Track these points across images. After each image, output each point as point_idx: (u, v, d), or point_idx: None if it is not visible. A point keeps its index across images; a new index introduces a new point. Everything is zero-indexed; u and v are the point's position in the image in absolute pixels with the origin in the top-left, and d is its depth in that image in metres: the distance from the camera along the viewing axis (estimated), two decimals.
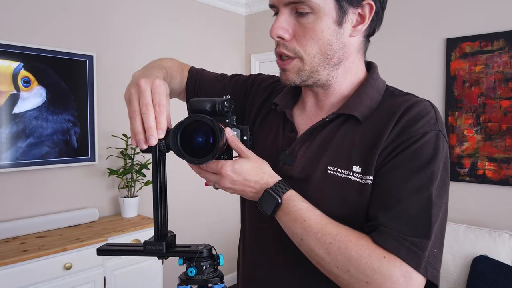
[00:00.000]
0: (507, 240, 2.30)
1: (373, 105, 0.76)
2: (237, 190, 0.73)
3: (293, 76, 0.76)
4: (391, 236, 0.65)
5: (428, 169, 0.67)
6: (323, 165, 0.75)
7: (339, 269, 0.65)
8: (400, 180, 0.68)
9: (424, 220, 0.66)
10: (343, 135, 0.76)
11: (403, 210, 0.66)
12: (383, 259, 0.63)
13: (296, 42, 0.73)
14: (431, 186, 0.67)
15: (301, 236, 0.69)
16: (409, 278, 0.62)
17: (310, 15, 0.71)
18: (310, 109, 0.84)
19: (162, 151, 0.70)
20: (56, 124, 2.46)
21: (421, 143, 0.69)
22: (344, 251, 0.65)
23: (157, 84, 0.69)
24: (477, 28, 2.59)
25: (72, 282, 2.13)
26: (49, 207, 2.51)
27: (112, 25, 2.82)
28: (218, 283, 0.73)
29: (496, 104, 2.51)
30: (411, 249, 0.64)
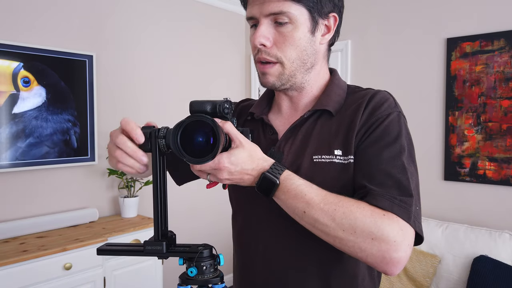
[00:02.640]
0: (508, 240, 2.30)
1: (341, 100, 0.89)
2: (234, 180, 0.75)
3: (274, 79, 0.86)
4: (383, 197, 0.74)
5: (397, 143, 0.79)
6: (309, 155, 0.85)
7: (345, 232, 0.71)
8: (376, 153, 0.79)
9: (403, 182, 0.76)
10: (321, 127, 0.87)
11: (385, 175, 0.76)
12: (383, 216, 0.71)
13: (276, 48, 0.83)
14: (402, 156, 0.78)
15: (304, 209, 0.73)
16: (405, 230, 0.71)
17: (288, 25, 0.81)
18: (286, 111, 0.94)
19: (162, 151, 0.70)
20: (55, 124, 2.46)
21: (387, 121, 0.81)
22: (349, 215, 0.71)
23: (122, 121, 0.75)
24: (477, 27, 2.59)
25: (72, 282, 2.13)
26: (49, 207, 2.51)
27: (112, 25, 2.82)
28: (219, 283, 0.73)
29: (497, 104, 2.51)
30: (401, 206, 0.73)
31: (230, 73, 3.74)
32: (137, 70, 2.98)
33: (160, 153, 0.70)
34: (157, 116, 3.10)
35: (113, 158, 0.74)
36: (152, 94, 3.08)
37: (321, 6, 0.83)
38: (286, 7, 0.80)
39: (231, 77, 3.74)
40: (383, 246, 0.69)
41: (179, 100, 3.28)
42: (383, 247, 0.69)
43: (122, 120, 0.73)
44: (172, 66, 3.22)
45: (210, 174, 0.74)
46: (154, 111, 3.09)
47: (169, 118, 3.14)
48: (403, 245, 0.70)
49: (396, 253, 0.69)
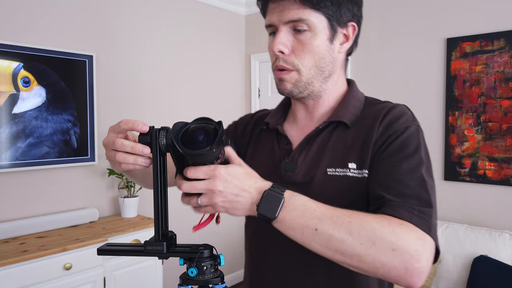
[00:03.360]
0: (508, 240, 2.30)
1: (357, 112, 0.87)
2: (228, 197, 0.68)
3: (291, 86, 0.85)
4: (401, 207, 0.70)
5: (416, 156, 0.77)
6: (323, 168, 0.83)
7: (363, 245, 0.65)
8: (395, 165, 0.77)
9: (423, 193, 0.73)
10: (336, 139, 0.85)
11: (404, 187, 0.73)
12: (401, 225, 0.67)
13: (294, 56, 0.83)
14: (421, 168, 0.76)
15: (315, 226, 0.67)
16: (425, 241, 0.67)
17: (307, 32, 0.81)
18: (301, 121, 0.94)
19: (162, 151, 0.69)
20: (55, 124, 2.46)
21: (406, 135, 0.79)
22: (365, 225, 0.66)
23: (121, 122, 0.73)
24: (477, 27, 2.59)
25: (72, 282, 2.13)
26: (49, 207, 2.51)
27: (111, 25, 2.82)
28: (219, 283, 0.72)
29: (497, 104, 2.51)
30: (420, 216, 0.69)
31: (230, 73, 3.74)
32: (137, 70, 2.98)
33: (160, 153, 0.70)
34: (157, 116, 3.10)
35: (115, 163, 0.73)
36: (151, 94, 3.08)
37: (340, 15, 0.83)
38: (305, 15, 0.80)
39: (231, 77, 3.74)
40: (405, 256, 0.64)
41: (179, 100, 3.27)
42: (405, 257, 0.64)
43: (121, 121, 0.72)
44: (172, 66, 3.22)
45: (202, 196, 0.68)
46: (154, 111, 3.09)
47: (169, 118, 3.14)
48: (424, 255, 0.65)
49: (419, 262, 0.64)
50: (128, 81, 2.93)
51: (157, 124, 0.70)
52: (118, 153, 0.72)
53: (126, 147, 0.70)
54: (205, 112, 3.47)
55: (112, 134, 0.73)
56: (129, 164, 0.72)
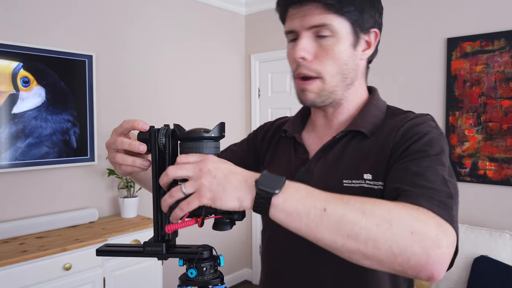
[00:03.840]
0: (508, 240, 2.30)
1: (377, 122, 0.85)
2: (218, 176, 0.59)
3: (314, 96, 0.83)
4: (420, 196, 0.64)
5: (440, 157, 0.72)
6: (339, 179, 0.80)
7: (379, 226, 0.57)
8: (415, 162, 0.72)
9: (444, 187, 0.67)
10: (353, 150, 0.83)
11: (424, 180, 0.68)
12: (418, 210, 0.60)
13: (317, 62, 0.80)
14: (443, 169, 0.71)
15: (324, 206, 0.58)
16: (445, 228, 0.60)
17: (330, 38, 0.79)
18: (319, 129, 0.92)
19: (161, 150, 0.69)
20: (55, 124, 2.45)
21: (428, 137, 0.74)
22: (380, 205, 0.59)
23: (123, 122, 0.73)
24: (477, 27, 2.58)
25: (72, 282, 2.13)
26: (48, 208, 2.50)
27: (111, 25, 2.81)
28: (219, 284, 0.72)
29: (497, 104, 2.51)
30: (441, 206, 0.63)
31: (230, 73, 3.74)
32: (137, 70, 2.98)
33: (159, 152, 0.69)
34: (156, 116, 3.10)
35: (116, 164, 0.74)
36: (151, 94, 3.08)
37: (363, 21, 0.81)
38: (328, 20, 0.78)
39: (231, 77, 3.74)
40: (425, 241, 0.56)
41: (179, 100, 3.27)
42: (426, 242, 0.56)
43: (123, 121, 0.73)
44: (172, 66, 3.21)
45: (187, 182, 0.60)
46: (154, 111, 3.09)
47: (169, 118, 3.14)
48: (445, 241, 0.57)
49: (440, 248, 0.56)
50: (128, 81, 2.93)
51: (157, 124, 0.70)
52: (118, 154, 0.72)
53: (124, 145, 0.71)
54: (205, 112, 3.47)
55: (114, 135, 0.74)
56: (127, 165, 0.72)
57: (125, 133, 0.73)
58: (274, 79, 3.72)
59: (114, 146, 0.72)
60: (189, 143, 0.66)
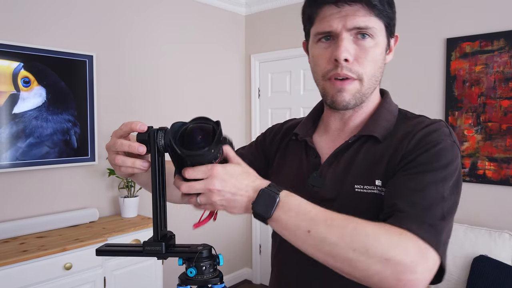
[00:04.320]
0: (507, 240, 2.30)
1: (390, 126, 0.84)
2: (226, 195, 0.67)
3: (350, 97, 0.82)
4: (410, 218, 0.67)
5: (444, 171, 0.73)
6: (351, 185, 0.80)
7: (356, 251, 0.62)
8: (418, 176, 0.72)
9: (439, 208, 0.69)
10: (365, 155, 0.82)
11: (420, 198, 0.70)
12: (400, 235, 0.64)
13: (357, 64, 0.80)
14: (445, 185, 0.72)
15: (308, 228, 0.65)
16: (425, 253, 0.64)
17: (370, 40, 0.79)
18: (334, 132, 0.91)
19: (161, 152, 0.70)
20: (56, 124, 2.46)
21: (439, 148, 0.75)
22: (360, 231, 0.63)
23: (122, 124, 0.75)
24: (477, 27, 2.59)
25: (72, 282, 2.13)
26: (49, 207, 2.51)
27: (112, 26, 2.82)
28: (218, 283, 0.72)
29: (496, 104, 2.51)
30: (430, 230, 0.66)
31: (230, 73, 3.74)
32: (137, 70, 2.99)
33: (158, 153, 0.70)
34: (157, 116, 3.10)
35: (116, 166, 0.74)
36: (152, 94, 3.08)
37: (393, 25, 0.83)
38: (371, 23, 0.78)
39: (231, 77, 3.74)
40: (398, 267, 0.61)
41: (179, 100, 3.28)
42: (398, 268, 0.61)
43: (122, 124, 0.73)
44: (172, 66, 3.22)
45: (200, 195, 0.68)
46: (154, 111, 3.09)
47: (169, 118, 3.14)
48: (420, 267, 0.62)
49: (412, 274, 0.61)
50: (128, 81, 2.93)
51: (157, 124, 0.70)
52: (117, 156, 0.72)
53: (124, 147, 0.71)
54: (205, 112, 3.47)
55: (114, 138, 0.74)
56: (127, 167, 0.72)
57: (125, 135, 0.73)
58: (274, 79, 3.72)
59: (114, 148, 0.73)
60: (190, 157, 0.66)
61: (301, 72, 3.51)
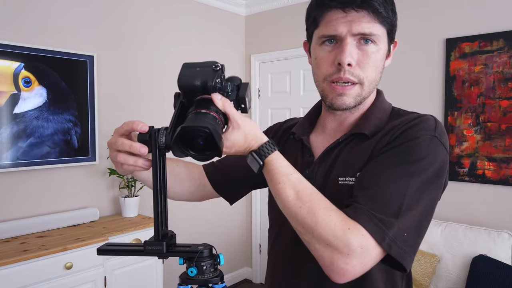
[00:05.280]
0: (507, 239, 2.31)
1: (380, 124, 0.86)
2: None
3: (351, 100, 0.84)
4: (362, 212, 0.70)
5: (413, 167, 0.73)
6: (335, 177, 0.83)
7: (304, 229, 0.70)
8: (386, 168, 0.75)
9: (397, 205, 0.71)
10: (351, 149, 0.85)
11: (379, 192, 0.72)
12: (347, 230, 0.68)
13: (359, 69, 0.81)
14: (410, 181, 0.72)
15: (283, 183, 0.74)
16: (365, 249, 0.67)
17: (372, 45, 0.81)
18: (330, 132, 0.93)
19: (162, 151, 0.70)
20: (56, 124, 2.47)
21: (414, 142, 0.75)
22: (311, 216, 0.70)
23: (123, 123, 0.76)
24: (476, 28, 2.59)
25: (73, 281, 2.14)
26: (49, 207, 2.52)
27: (112, 26, 2.82)
28: (219, 283, 0.73)
29: (496, 104, 2.52)
30: (378, 225, 0.69)
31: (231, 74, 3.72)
32: (138, 70, 2.99)
33: (160, 153, 0.70)
34: (157, 116, 3.11)
35: (118, 164, 0.75)
36: (152, 94, 3.09)
37: (394, 30, 0.86)
38: (375, 29, 0.80)
39: None
40: (334, 253, 0.67)
41: None
42: (334, 254, 0.67)
43: (124, 123, 0.74)
44: (172, 66, 3.22)
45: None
46: (154, 111, 3.10)
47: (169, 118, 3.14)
48: (355, 260, 0.67)
49: (345, 264, 0.67)
50: (129, 81, 2.94)
51: (158, 124, 0.71)
52: (119, 154, 0.73)
53: (125, 146, 0.72)
54: None
55: (116, 135, 0.75)
56: (129, 165, 0.73)
57: (126, 134, 0.74)
58: (274, 80, 3.73)
59: (115, 147, 0.74)
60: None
61: (301, 72, 3.51)
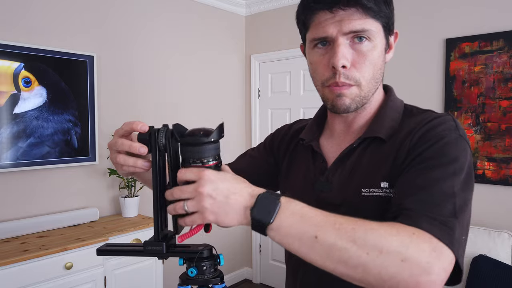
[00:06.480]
0: (507, 239, 2.31)
1: (395, 125, 0.82)
2: (218, 198, 0.61)
3: (349, 102, 0.79)
4: (420, 217, 0.63)
5: (452, 166, 0.70)
6: (357, 188, 0.78)
7: (369, 254, 0.58)
8: (424, 172, 0.70)
9: (449, 204, 0.66)
10: (370, 157, 0.80)
11: (428, 194, 0.67)
12: (413, 235, 0.60)
13: (355, 70, 0.77)
14: (455, 180, 0.68)
15: (315, 233, 0.60)
16: (441, 253, 0.60)
17: (367, 43, 0.77)
18: (339, 135, 0.89)
19: (162, 151, 0.70)
20: (56, 124, 2.47)
21: (443, 142, 0.72)
22: (371, 232, 0.59)
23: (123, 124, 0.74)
24: (476, 28, 2.59)
25: (73, 281, 2.14)
26: (49, 207, 2.52)
27: (112, 25, 2.82)
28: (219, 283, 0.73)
29: (496, 104, 2.52)
30: (442, 228, 0.62)
31: (231, 74, 3.74)
32: (138, 71, 2.99)
33: (159, 152, 0.70)
34: (157, 116, 3.11)
35: (118, 165, 0.74)
36: (152, 94, 3.09)
37: (391, 23, 0.81)
38: (368, 25, 0.75)
39: (231, 77, 3.75)
40: (414, 269, 0.57)
41: (179, 100, 3.28)
42: (414, 270, 0.57)
43: (124, 123, 0.73)
44: (172, 66, 3.22)
45: (188, 201, 0.63)
46: (155, 111, 3.10)
47: (169, 118, 3.15)
48: (436, 268, 0.58)
49: (429, 276, 0.57)
50: (129, 81, 2.94)
51: (157, 124, 0.71)
52: (119, 155, 0.73)
53: (124, 146, 0.71)
54: (205, 112, 3.48)
55: (116, 136, 0.75)
56: (129, 166, 0.73)
57: (126, 134, 0.73)
58: (274, 80, 3.73)
59: (115, 148, 0.73)
60: (189, 147, 0.66)
61: (300, 72, 3.51)
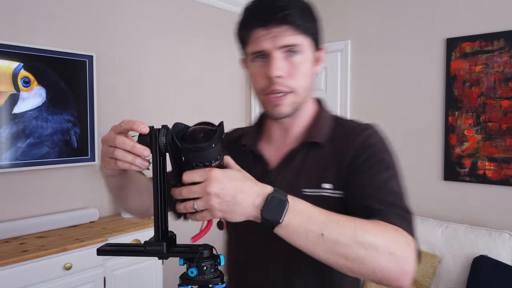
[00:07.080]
0: (507, 240, 2.30)
1: (330, 132, 0.93)
2: (226, 198, 0.65)
3: (288, 109, 0.89)
4: (390, 214, 0.76)
5: (393, 168, 0.86)
6: (300, 189, 0.87)
7: (367, 249, 0.68)
8: (374, 177, 0.83)
9: (402, 201, 0.81)
10: (313, 160, 0.90)
11: (386, 195, 0.80)
12: (396, 231, 0.72)
13: (290, 79, 0.86)
14: (399, 179, 0.85)
15: (322, 231, 0.67)
16: (411, 244, 0.73)
17: (299, 56, 0.86)
18: (277, 140, 0.97)
19: (162, 151, 0.69)
20: (56, 124, 2.46)
21: (380, 148, 0.87)
22: (369, 231, 0.70)
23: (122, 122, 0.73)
24: (477, 28, 2.59)
25: (72, 282, 2.13)
26: (49, 207, 2.51)
27: (112, 25, 2.82)
28: (219, 284, 0.72)
29: (496, 104, 2.51)
30: (406, 222, 0.76)
31: (230, 73, 3.74)
32: (137, 70, 2.99)
33: (160, 153, 0.70)
34: (157, 116, 3.10)
35: (111, 160, 0.72)
36: (152, 94, 3.09)
37: (319, 39, 0.91)
38: (299, 40, 0.85)
39: (231, 76, 3.74)
40: (400, 260, 0.69)
41: (179, 100, 3.28)
42: (400, 261, 0.69)
43: (123, 121, 0.72)
44: (172, 66, 3.22)
45: (198, 199, 0.66)
46: (154, 111, 3.09)
47: (169, 118, 3.14)
48: (411, 257, 0.71)
49: (409, 265, 0.70)
50: (128, 81, 2.93)
51: (157, 124, 0.70)
52: (117, 149, 0.71)
53: (126, 146, 0.70)
54: (205, 111, 3.48)
55: (113, 132, 0.73)
56: (125, 162, 0.70)
57: (124, 132, 0.72)
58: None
59: (112, 144, 0.71)
60: (192, 153, 0.65)
61: None
